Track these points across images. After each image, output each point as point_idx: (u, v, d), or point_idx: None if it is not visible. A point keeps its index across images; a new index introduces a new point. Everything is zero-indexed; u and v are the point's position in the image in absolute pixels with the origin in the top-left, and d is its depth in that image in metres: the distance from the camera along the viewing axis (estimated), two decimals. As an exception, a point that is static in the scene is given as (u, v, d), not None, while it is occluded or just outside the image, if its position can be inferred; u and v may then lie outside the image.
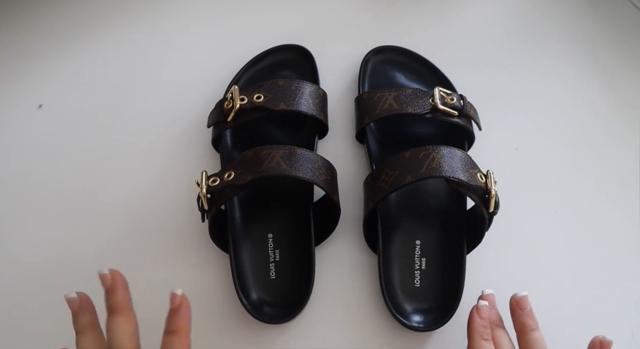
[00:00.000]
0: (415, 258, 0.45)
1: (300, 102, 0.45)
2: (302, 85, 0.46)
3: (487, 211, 0.41)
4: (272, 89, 0.45)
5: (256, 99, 0.45)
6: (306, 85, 0.47)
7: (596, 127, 0.54)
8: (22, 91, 0.55)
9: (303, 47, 0.54)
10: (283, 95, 0.45)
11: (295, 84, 0.46)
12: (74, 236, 0.48)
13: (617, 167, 0.52)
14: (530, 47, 0.59)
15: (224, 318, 0.44)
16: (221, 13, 0.60)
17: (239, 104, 0.44)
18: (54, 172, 0.51)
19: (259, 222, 0.46)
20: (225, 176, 0.41)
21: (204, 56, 0.56)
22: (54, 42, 0.58)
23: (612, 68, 0.57)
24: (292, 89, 0.46)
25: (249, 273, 0.44)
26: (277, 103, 0.44)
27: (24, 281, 0.46)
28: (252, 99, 0.45)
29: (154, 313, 0.44)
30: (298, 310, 0.42)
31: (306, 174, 0.41)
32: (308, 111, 0.45)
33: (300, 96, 0.46)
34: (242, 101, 0.45)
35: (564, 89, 0.56)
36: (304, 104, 0.45)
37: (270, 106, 0.44)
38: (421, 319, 0.43)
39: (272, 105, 0.44)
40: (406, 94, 0.46)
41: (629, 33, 0.60)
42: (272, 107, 0.44)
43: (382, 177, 0.42)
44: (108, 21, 0.60)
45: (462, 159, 0.41)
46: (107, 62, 0.57)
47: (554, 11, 0.61)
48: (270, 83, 0.46)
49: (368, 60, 0.53)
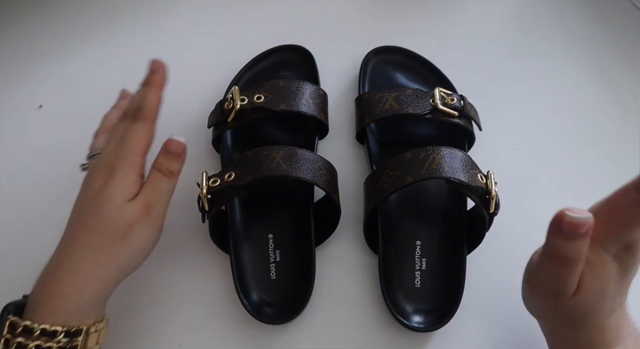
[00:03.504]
0: (415, 259, 0.45)
1: (300, 103, 0.45)
2: (303, 85, 0.46)
3: (487, 212, 0.41)
4: (272, 89, 0.45)
5: (256, 100, 0.45)
6: (306, 86, 0.47)
7: (596, 127, 0.54)
8: (22, 91, 0.55)
9: (303, 48, 0.54)
10: (283, 95, 0.45)
11: (295, 85, 0.46)
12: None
13: (617, 167, 0.52)
14: (531, 47, 0.59)
15: (224, 319, 0.44)
16: (221, 14, 0.60)
17: (239, 104, 0.44)
18: (54, 173, 0.51)
19: (259, 223, 0.46)
20: (225, 176, 0.41)
21: (204, 57, 0.56)
22: (54, 42, 0.58)
23: (612, 68, 0.57)
24: (292, 89, 0.46)
25: (250, 273, 0.44)
26: (277, 104, 0.44)
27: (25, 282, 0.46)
28: (253, 100, 0.45)
29: (154, 313, 0.44)
30: (298, 311, 0.42)
31: (307, 175, 0.41)
32: (308, 111, 0.45)
33: (301, 97, 0.46)
34: (243, 101, 0.45)
35: (564, 89, 0.56)
36: (304, 104, 0.45)
37: (271, 106, 0.44)
38: (421, 319, 0.43)
39: (273, 105, 0.44)
40: (406, 94, 0.46)
41: (629, 33, 0.60)
42: (272, 107, 0.44)
43: (383, 177, 0.42)
44: (108, 21, 0.60)
45: (463, 160, 0.41)
46: (107, 63, 0.57)
47: (554, 11, 0.61)
48: (271, 84, 0.46)
49: (368, 61, 0.53)
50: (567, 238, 0.29)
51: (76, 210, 0.36)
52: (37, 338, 0.31)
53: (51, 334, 0.32)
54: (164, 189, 0.36)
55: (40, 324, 0.32)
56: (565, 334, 0.35)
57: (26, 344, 0.31)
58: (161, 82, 0.39)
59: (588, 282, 0.31)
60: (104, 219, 0.34)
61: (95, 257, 0.34)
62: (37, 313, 0.32)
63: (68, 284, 0.33)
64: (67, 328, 0.32)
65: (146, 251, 0.37)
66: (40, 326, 0.32)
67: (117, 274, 0.35)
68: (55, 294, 0.33)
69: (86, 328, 0.33)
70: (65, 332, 0.32)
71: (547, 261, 0.32)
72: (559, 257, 0.30)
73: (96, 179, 0.36)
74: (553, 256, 0.31)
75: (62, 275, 0.33)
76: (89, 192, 0.36)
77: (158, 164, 0.36)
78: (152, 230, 0.36)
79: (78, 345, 0.32)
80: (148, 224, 0.35)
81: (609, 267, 0.31)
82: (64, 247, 0.35)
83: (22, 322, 0.32)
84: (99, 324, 0.34)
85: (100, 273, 0.34)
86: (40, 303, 0.33)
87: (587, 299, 0.31)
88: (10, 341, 0.32)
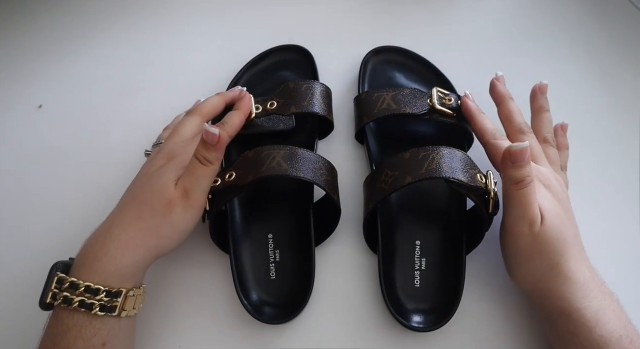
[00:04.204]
0: (415, 259, 0.45)
1: (312, 104, 0.46)
2: (313, 85, 0.47)
3: (487, 212, 0.41)
4: (284, 94, 0.46)
5: (270, 107, 0.46)
6: (317, 86, 0.47)
7: (596, 127, 0.54)
8: (22, 92, 0.55)
9: (303, 48, 0.54)
10: (294, 98, 0.46)
11: (305, 85, 0.46)
12: (73, 236, 0.47)
13: (617, 167, 0.52)
14: (530, 47, 0.59)
15: (224, 319, 0.44)
16: (221, 14, 0.60)
17: (255, 113, 0.45)
18: (54, 173, 0.51)
19: (259, 223, 0.46)
20: (226, 176, 0.41)
21: (205, 57, 0.56)
22: (54, 43, 0.58)
23: (612, 68, 0.57)
24: (302, 90, 0.46)
25: (250, 273, 0.44)
26: (288, 108, 0.45)
27: (24, 282, 0.46)
28: (267, 108, 0.46)
29: (154, 313, 0.44)
30: (298, 311, 0.42)
31: (307, 175, 0.41)
32: (320, 111, 0.46)
33: (312, 97, 0.46)
34: (257, 110, 0.46)
35: (564, 89, 0.56)
36: (316, 105, 0.46)
37: (283, 111, 0.45)
38: (421, 319, 0.43)
39: (284, 110, 0.45)
40: (404, 94, 0.46)
41: (629, 33, 0.60)
42: (284, 112, 0.45)
43: (382, 178, 0.42)
44: (108, 22, 0.60)
45: (462, 160, 0.41)
46: (107, 63, 0.57)
47: (554, 11, 0.61)
48: (282, 88, 0.46)
49: (368, 61, 0.53)
50: (519, 167, 0.36)
51: (134, 185, 0.41)
52: (82, 294, 0.35)
53: (94, 292, 0.35)
54: (200, 176, 0.38)
55: (85, 282, 0.35)
56: (549, 301, 0.38)
57: (72, 299, 0.35)
58: (247, 111, 0.45)
59: (546, 207, 0.38)
60: (153, 194, 0.38)
61: (139, 227, 0.37)
62: (83, 271, 0.36)
63: (112, 247, 0.36)
64: (109, 288, 0.35)
65: (184, 233, 0.39)
66: (85, 283, 0.35)
67: (155, 248, 0.38)
68: (100, 255, 0.36)
69: (125, 291, 0.36)
70: (107, 292, 0.35)
71: (510, 196, 0.38)
72: (518, 183, 0.37)
73: (157, 161, 0.41)
74: (514, 186, 0.37)
75: (109, 237, 0.37)
76: (148, 171, 0.41)
77: (196, 151, 0.39)
78: (191, 215, 0.39)
79: (117, 306, 0.36)
80: (187, 208, 0.38)
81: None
82: (116, 215, 0.39)
83: (69, 278, 0.35)
84: (137, 291, 0.37)
85: (142, 243, 0.37)
86: (86, 263, 0.36)
87: (553, 225, 0.37)
88: (58, 295, 0.35)
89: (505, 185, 0.38)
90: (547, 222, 0.37)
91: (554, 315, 0.38)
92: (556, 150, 0.45)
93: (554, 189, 0.40)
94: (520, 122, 0.44)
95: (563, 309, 0.37)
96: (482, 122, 0.44)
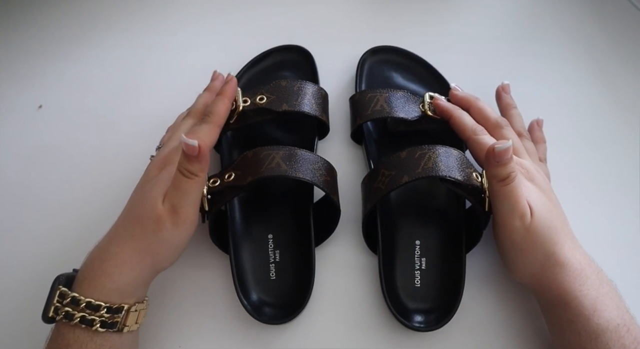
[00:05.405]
0: (415, 258, 0.45)
1: (303, 103, 0.45)
2: (305, 85, 0.46)
3: (482, 211, 0.41)
4: (274, 90, 0.45)
5: (259, 101, 0.45)
6: (308, 86, 0.47)
7: (596, 127, 0.54)
8: (22, 91, 0.55)
9: (303, 48, 0.54)
10: (286, 96, 0.45)
11: (297, 85, 0.46)
12: (72, 236, 0.48)
13: (617, 167, 0.52)
14: (530, 47, 0.59)
15: (224, 319, 0.44)
16: (221, 14, 0.60)
17: (242, 106, 0.44)
18: (54, 173, 0.51)
19: (259, 223, 0.46)
20: (225, 176, 0.41)
21: (205, 57, 0.56)
22: (54, 43, 0.58)
23: (612, 68, 0.57)
24: (294, 89, 0.46)
25: (249, 273, 0.44)
26: (279, 104, 0.44)
27: (26, 281, 0.46)
28: (255, 101, 0.45)
29: (154, 313, 0.44)
30: (298, 311, 0.42)
31: (306, 175, 0.41)
32: (311, 111, 0.46)
33: (303, 97, 0.46)
34: (245, 102, 0.45)
35: (564, 89, 0.56)
36: (306, 104, 0.45)
37: (273, 107, 0.44)
38: (422, 319, 0.43)
39: (275, 106, 0.44)
40: (397, 96, 0.46)
41: (629, 33, 0.60)
42: (274, 108, 0.44)
43: (379, 177, 0.42)
44: (108, 22, 0.60)
45: (458, 159, 0.41)
46: (107, 63, 0.57)
47: (553, 11, 0.61)
48: (273, 84, 0.46)
49: (365, 61, 0.53)
50: (503, 164, 0.37)
51: (132, 193, 0.40)
52: (83, 310, 0.35)
53: (95, 308, 0.35)
54: (185, 190, 0.37)
55: (86, 298, 0.35)
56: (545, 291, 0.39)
57: (73, 314, 0.35)
58: (232, 94, 0.44)
59: (532, 199, 0.38)
60: (143, 209, 0.37)
61: (134, 247, 0.37)
62: (84, 287, 0.35)
63: (110, 265, 0.36)
64: (110, 304, 0.35)
65: (179, 248, 0.39)
66: (86, 299, 0.35)
67: (152, 265, 0.38)
68: (100, 271, 0.36)
69: (127, 306, 0.36)
70: (108, 308, 0.35)
71: (497, 192, 0.38)
72: (504, 180, 0.37)
73: (152, 169, 0.40)
74: (500, 183, 0.38)
75: (107, 255, 0.36)
76: (144, 180, 0.40)
77: (179, 164, 0.37)
78: (182, 229, 0.38)
79: (119, 321, 0.35)
80: (176, 224, 0.37)
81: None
82: (115, 230, 0.38)
83: (70, 293, 0.35)
84: (139, 305, 0.37)
85: (137, 260, 0.37)
86: (87, 278, 0.36)
87: (543, 215, 0.38)
88: (60, 309, 0.35)
89: (490, 182, 0.39)
90: (537, 214, 0.38)
91: (553, 304, 0.38)
92: (532, 142, 0.47)
93: (536, 180, 0.41)
94: (498, 118, 0.45)
95: (562, 297, 0.37)
96: (460, 119, 0.44)
